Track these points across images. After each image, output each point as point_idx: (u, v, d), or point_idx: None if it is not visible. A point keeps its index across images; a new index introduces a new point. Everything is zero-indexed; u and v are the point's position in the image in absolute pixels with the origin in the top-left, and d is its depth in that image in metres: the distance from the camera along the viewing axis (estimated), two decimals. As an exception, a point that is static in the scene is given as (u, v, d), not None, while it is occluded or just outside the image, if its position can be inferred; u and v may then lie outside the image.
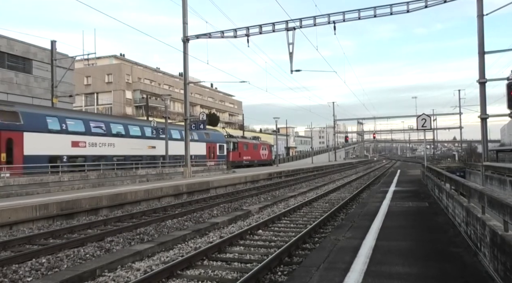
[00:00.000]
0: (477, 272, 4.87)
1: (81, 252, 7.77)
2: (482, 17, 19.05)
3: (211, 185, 20.03)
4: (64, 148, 20.88)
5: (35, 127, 19.26)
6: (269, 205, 14.27)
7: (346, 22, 21.18)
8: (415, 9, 19.96)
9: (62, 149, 20.77)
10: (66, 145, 21.01)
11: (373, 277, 4.63)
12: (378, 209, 10.14)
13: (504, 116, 22.56)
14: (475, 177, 28.60)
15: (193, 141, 31.80)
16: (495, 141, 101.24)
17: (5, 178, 15.39)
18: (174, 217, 11.86)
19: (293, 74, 28.90)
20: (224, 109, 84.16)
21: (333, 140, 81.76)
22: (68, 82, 31.62)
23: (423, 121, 18.37)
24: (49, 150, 19.93)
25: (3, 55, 28.44)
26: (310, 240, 8.67)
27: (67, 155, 21.02)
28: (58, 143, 20.43)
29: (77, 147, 21.63)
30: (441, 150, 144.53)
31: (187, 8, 23.71)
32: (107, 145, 23.58)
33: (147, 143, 27.06)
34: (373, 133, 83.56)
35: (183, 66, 24.32)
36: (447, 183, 9.80)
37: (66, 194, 14.61)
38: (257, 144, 48.79)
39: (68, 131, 21.25)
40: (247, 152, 44.16)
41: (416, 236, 7.00)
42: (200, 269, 6.57)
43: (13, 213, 10.55)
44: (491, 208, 4.88)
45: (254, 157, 46.13)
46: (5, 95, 27.27)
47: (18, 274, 6.48)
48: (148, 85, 60.70)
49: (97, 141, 22.98)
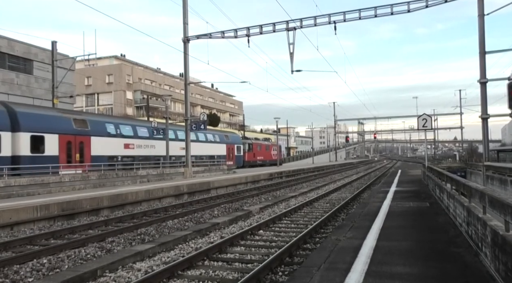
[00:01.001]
0: (478, 272, 4.87)
1: (82, 253, 7.78)
2: (483, 16, 19.05)
3: (212, 186, 20.03)
4: (119, 150, 24.74)
5: (98, 132, 23.05)
6: (270, 205, 14.27)
7: (347, 22, 21.20)
8: (416, 9, 19.96)
9: (117, 150, 24.61)
10: (120, 147, 24.91)
11: (374, 277, 4.63)
12: (379, 209, 10.14)
13: (505, 116, 22.55)
14: (476, 177, 28.58)
15: (215, 142, 37.13)
16: (496, 141, 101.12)
17: (5, 178, 15.46)
18: (175, 218, 11.87)
19: (293, 74, 28.99)
20: (224, 110, 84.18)
21: (333, 140, 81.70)
22: (68, 83, 31.67)
23: (424, 121, 18.35)
24: (108, 151, 23.66)
25: (4, 55, 28.49)
26: (311, 240, 8.67)
27: (121, 155, 24.80)
28: (114, 145, 24.32)
29: (128, 149, 25.45)
30: (442, 150, 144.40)
31: (187, 8, 23.72)
32: (149, 147, 26.98)
33: (179, 145, 29.89)
34: (374, 133, 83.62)
35: (183, 66, 24.34)
36: (448, 183, 9.80)
37: (67, 194, 14.62)
38: (268, 145, 53.27)
39: (122, 135, 25.16)
40: (260, 153, 48.37)
41: (417, 236, 7.00)
42: (201, 269, 6.57)
43: (14, 214, 10.56)
44: (492, 208, 4.88)
45: (266, 157, 50.20)
46: (5, 96, 27.30)
47: (19, 274, 6.49)
48: (148, 86, 60.73)
49: (142, 144, 26.62)
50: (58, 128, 20.54)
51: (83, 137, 21.83)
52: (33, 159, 18.54)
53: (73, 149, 21.24)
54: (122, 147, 24.97)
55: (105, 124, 24.22)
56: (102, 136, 23.24)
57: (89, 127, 22.42)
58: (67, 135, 20.94)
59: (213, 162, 33.09)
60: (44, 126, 19.80)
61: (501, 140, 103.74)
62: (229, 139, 40.79)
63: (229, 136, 41.74)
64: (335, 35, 21.83)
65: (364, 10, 20.65)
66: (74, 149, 21.27)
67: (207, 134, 35.79)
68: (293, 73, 23.98)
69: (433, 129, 59.99)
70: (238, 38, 23.09)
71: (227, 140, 40.21)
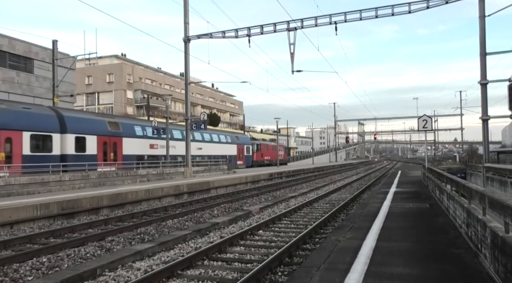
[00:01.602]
0: (477, 274, 4.87)
1: (81, 252, 7.78)
2: (484, 18, 19.03)
3: (212, 185, 20.03)
4: (145, 149, 27.40)
5: (128, 134, 25.62)
6: (269, 206, 14.27)
7: (348, 22, 21.20)
8: (417, 10, 19.96)
9: (144, 150, 27.35)
10: (146, 147, 27.54)
11: (374, 277, 4.63)
12: (378, 210, 10.14)
13: (505, 118, 22.50)
14: (476, 178, 28.58)
15: (228, 143, 40.01)
16: (496, 142, 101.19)
17: (6, 177, 15.49)
18: (174, 217, 11.87)
19: (294, 74, 29.05)
20: (225, 109, 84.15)
21: (334, 140, 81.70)
22: (69, 82, 31.66)
23: (424, 122, 18.34)
24: (137, 151, 26.28)
25: (5, 54, 28.48)
26: (311, 240, 8.67)
27: (147, 154, 27.36)
28: (141, 145, 26.95)
29: (152, 149, 27.91)
30: (442, 151, 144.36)
31: (188, 8, 23.72)
32: (170, 147, 27.95)
33: (196, 145, 32.79)
34: (374, 134, 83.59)
35: (184, 66, 24.35)
36: (448, 184, 9.79)
37: (67, 193, 14.62)
38: (275, 146, 55.93)
39: (147, 136, 27.56)
40: (267, 153, 51.22)
41: (417, 237, 7.00)
42: (200, 269, 6.57)
43: (14, 212, 10.57)
44: (492, 209, 4.88)
45: (273, 157, 52.33)
46: (6, 95, 27.31)
47: (19, 273, 6.49)
48: (149, 85, 60.71)
49: (164, 144, 27.71)
50: (96, 130, 23.28)
51: (116, 138, 24.63)
52: (77, 157, 21.15)
53: (108, 149, 23.97)
54: (148, 147, 27.68)
55: (134, 126, 27.09)
56: (131, 137, 25.89)
57: (121, 129, 25.15)
58: (104, 136, 23.66)
59: (225, 161, 35.24)
60: (85, 128, 22.44)
61: (501, 141, 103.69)
62: (239, 140, 43.71)
63: (239, 137, 44.90)
64: (336, 36, 22.02)
65: (365, 10, 20.66)
66: (109, 149, 24.01)
67: (220, 135, 39.01)
68: (293, 73, 24.01)
69: (434, 130, 60.00)
70: (239, 38, 23.12)
71: (238, 141, 43.11)
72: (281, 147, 58.31)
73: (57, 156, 20.28)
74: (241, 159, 42.64)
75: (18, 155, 18.58)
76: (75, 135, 21.49)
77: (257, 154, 48.23)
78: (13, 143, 18.44)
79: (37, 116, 20.07)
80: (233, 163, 39.50)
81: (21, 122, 18.93)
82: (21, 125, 18.85)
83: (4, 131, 18.02)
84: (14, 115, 18.86)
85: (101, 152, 23.24)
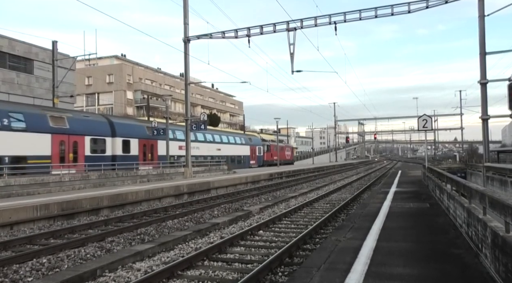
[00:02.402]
0: (478, 274, 4.86)
1: (81, 252, 7.77)
2: (483, 17, 19.03)
3: (212, 186, 20.02)
4: (175, 150, 30.04)
5: (161, 137, 28.09)
6: (270, 206, 14.26)
7: (347, 22, 21.20)
8: (416, 10, 19.95)
9: (174, 151, 29.80)
10: (176, 148, 30.14)
11: (374, 278, 4.62)
12: (379, 210, 10.13)
13: (505, 117, 22.50)
14: (476, 178, 28.57)
15: (242, 144, 43.72)
16: (496, 142, 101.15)
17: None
18: (174, 218, 11.86)
19: (294, 74, 29.11)
20: (225, 110, 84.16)
21: (334, 140, 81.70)
22: (69, 82, 31.67)
23: (424, 122, 18.33)
24: (170, 152, 27.92)
25: (5, 55, 28.49)
26: (311, 240, 8.66)
27: (176, 155, 29.98)
28: (172, 147, 28.83)
29: (181, 150, 29.81)
30: (442, 151, 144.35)
31: (188, 8, 23.71)
32: (195, 149, 30.98)
33: (216, 146, 37.13)
34: (374, 134, 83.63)
35: (184, 66, 24.34)
36: (448, 184, 9.78)
37: (67, 194, 14.62)
38: (283, 146, 60.01)
39: (176, 139, 30.44)
40: (276, 153, 53.68)
41: (417, 237, 6.99)
42: (200, 270, 6.56)
43: (14, 213, 10.56)
44: (493, 209, 4.87)
45: (281, 157, 55.43)
46: (6, 95, 27.31)
47: (19, 274, 6.48)
48: (149, 86, 60.72)
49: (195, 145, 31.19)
50: (137, 134, 26.90)
51: (153, 140, 28.16)
52: (124, 158, 24.42)
53: (147, 150, 27.58)
54: (177, 148, 30.41)
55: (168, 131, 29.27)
56: (163, 140, 27.88)
57: (156, 134, 28.18)
58: (143, 139, 27.25)
59: (240, 161, 40.82)
60: (129, 133, 25.97)
61: (501, 141, 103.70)
62: (252, 142, 47.28)
63: (252, 139, 48.54)
64: (336, 36, 22.06)
65: (364, 10, 20.66)
66: (147, 150, 27.62)
67: (235, 137, 43.12)
68: (293, 74, 24.01)
69: (433, 129, 59.99)
70: (238, 38, 23.11)
71: (251, 142, 46.72)
72: (289, 148, 62.64)
73: (109, 156, 23.73)
74: (253, 159, 46.37)
75: (82, 156, 21.98)
76: (122, 138, 25.11)
77: (267, 154, 51.63)
78: (78, 146, 21.81)
79: (94, 123, 23.72)
80: (246, 162, 43.21)
81: (83, 128, 22.23)
82: (83, 131, 22.18)
83: (72, 135, 21.45)
84: (78, 123, 22.26)
85: (141, 153, 26.82)
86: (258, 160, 47.72)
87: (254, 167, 43.92)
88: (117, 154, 24.35)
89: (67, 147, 21.09)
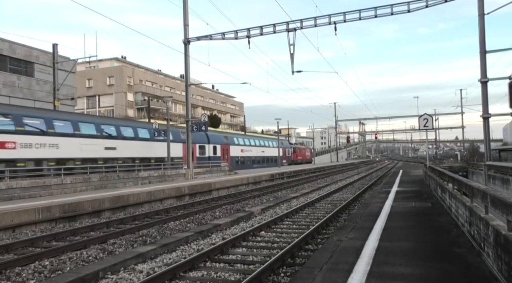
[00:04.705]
0: (480, 273, 4.85)
1: (84, 255, 7.78)
2: (483, 16, 19.02)
3: (213, 187, 20.02)
4: (239, 153, 41.47)
5: (232, 143, 40.18)
6: (271, 206, 14.26)
7: (347, 22, 21.22)
8: (416, 9, 19.96)
9: (239, 153, 41.46)
10: (239, 151, 41.54)
11: (376, 278, 4.62)
12: (380, 210, 10.12)
13: (506, 115, 22.49)
14: (477, 176, 28.54)
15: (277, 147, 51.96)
16: (498, 140, 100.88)
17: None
18: (176, 219, 11.87)
19: (294, 75, 29.20)
20: (225, 111, 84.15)
21: (334, 140, 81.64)
22: (70, 85, 31.72)
23: (425, 121, 18.31)
24: (236, 154, 40.62)
25: (5, 58, 28.54)
26: (313, 241, 8.65)
27: (240, 156, 41.50)
28: (238, 150, 41.22)
29: (243, 152, 42.23)
30: (443, 150, 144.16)
31: (187, 10, 23.74)
32: (249, 151, 43.80)
33: (260, 149, 47.04)
34: (375, 134, 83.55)
35: (184, 68, 24.39)
36: (449, 183, 9.77)
37: (68, 196, 14.63)
38: (304, 148, 73.68)
39: (240, 144, 42.27)
40: (300, 154, 65.16)
41: (419, 236, 6.98)
42: (202, 271, 6.56)
43: (16, 216, 10.57)
44: (495, 207, 4.86)
45: (304, 157, 66.79)
46: (7, 99, 27.36)
47: (21, 276, 6.49)
48: (149, 87, 60.75)
49: (252, 149, 44.77)
50: (219, 141, 37.60)
51: (227, 146, 38.90)
52: (214, 159, 35.17)
53: (225, 153, 38.09)
54: (240, 151, 41.76)
55: (234, 138, 42.21)
56: (234, 145, 40.33)
57: (228, 140, 39.47)
58: (223, 145, 37.92)
59: (275, 161, 49.35)
60: (216, 141, 36.85)
61: (502, 139, 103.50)
62: (283, 144, 56.70)
63: (283, 142, 58.24)
64: (336, 36, 21.97)
65: (364, 10, 20.67)
66: (224, 153, 38.03)
67: (273, 142, 52.95)
68: (293, 74, 24.05)
69: (434, 129, 59.96)
70: (238, 39, 23.12)
71: (282, 145, 55.30)
72: (308, 149, 75.36)
73: (206, 157, 34.44)
74: (285, 158, 55.75)
75: (195, 157, 31.91)
76: (212, 145, 35.85)
77: (294, 155, 61.69)
78: (194, 151, 31.56)
79: (199, 135, 32.11)
80: (280, 162, 51.26)
81: (194, 139, 30.39)
82: (195, 141, 30.84)
83: (193, 144, 28.73)
84: (194, 135, 29.73)
85: (222, 155, 37.23)
86: (287, 160, 57.37)
87: (285, 165, 53.57)
88: (211, 155, 35.19)
89: (188, 151, 30.26)
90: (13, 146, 18.10)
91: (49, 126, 20.26)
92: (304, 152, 69.41)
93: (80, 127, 21.96)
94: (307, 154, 71.16)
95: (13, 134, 18.18)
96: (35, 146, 19.25)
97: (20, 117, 19.00)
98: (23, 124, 18.94)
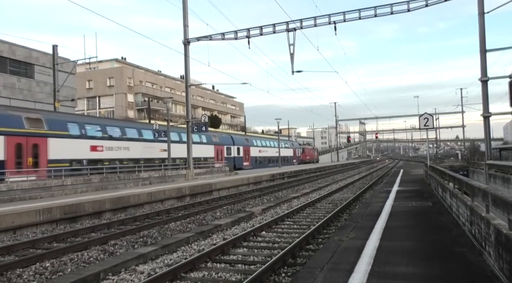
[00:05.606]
0: (482, 272, 4.85)
1: (84, 256, 7.78)
2: (483, 15, 18.99)
3: (214, 187, 20.01)
4: (257, 153, 48.07)
5: (253, 145, 46.76)
6: (272, 207, 14.25)
7: (347, 22, 21.19)
8: (416, 8, 19.94)
9: (257, 154, 47.73)
10: (257, 152, 48.14)
11: (378, 277, 4.61)
12: (381, 209, 10.12)
13: (506, 114, 22.47)
14: (478, 175, 28.53)
15: (289, 148, 60.35)
16: (498, 139, 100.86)
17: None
18: (177, 220, 11.87)
19: (294, 75, 29.21)
20: (226, 111, 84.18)
21: (335, 140, 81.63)
22: (70, 86, 31.73)
23: (425, 120, 18.30)
24: (255, 154, 47.03)
25: (5, 60, 28.55)
26: (314, 241, 8.65)
27: (258, 156, 48.05)
28: (257, 151, 47.50)
29: (260, 153, 48.95)
30: (444, 149, 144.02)
31: (187, 10, 23.75)
32: (265, 151, 50.70)
33: (276, 150, 50.42)
34: (376, 133, 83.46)
35: (184, 68, 24.37)
36: (450, 182, 9.77)
37: (69, 198, 14.63)
38: (311, 148, 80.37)
39: (259, 145, 48.48)
40: (307, 154, 71.44)
41: (420, 236, 6.98)
42: (203, 271, 6.56)
43: (17, 218, 10.57)
44: (495, 206, 4.86)
45: (311, 157, 72.94)
46: (7, 100, 27.37)
47: (22, 278, 6.50)
48: (149, 88, 60.79)
49: (267, 149, 51.57)
50: (242, 143, 44.00)
51: (248, 147, 45.12)
52: (237, 159, 41.62)
53: (246, 154, 44.40)
54: (258, 151, 48.56)
55: (253, 140, 48.44)
56: (253, 146, 46.95)
57: (249, 142, 45.93)
58: (244, 146, 44.10)
59: (287, 160, 56.27)
60: (239, 142, 43.17)
61: (503, 138, 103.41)
62: (294, 146, 64.71)
63: (293, 143, 66.39)
64: (336, 36, 21.89)
65: (364, 10, 20.65)
66: (246, 154, 44.36)
67: (286, 143, 59.45)
68: (293, 74, 24.04)
69: (435, 128, 59.89)
70: (238, 40, 23.11)
71: (293, 146, 63.46)
72: (315, 150, 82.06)
73: (232, 157, 40.42)
74: (295, 158, 62.32)
75: (223, 157, 38.39)
76: (237, 146, 42.09)
77: (303, 155, 67.99)
78: (222, 152, 38.79)
79: (225, 138, 40.92)
80: (291, 161, 57.22)
81: (223, 141, 39.26)
82: (223, 142, 39.13)
83: (219, 146, 38.24)
84: (220, 138, 39.40)
85: (243, 155, 43.55)
86: (297, 159, 63.61)
87: (295, 164, 58.42)
88: (236, 156, 41.42)
89: (218, 152, 38.09)
90: (101, 149, 23.66)
91: (123, 132, 25.70)
92: (312, 152, 76.30)
93: (143, 133, 27.56)
94: (315, 154, 78.08)
95: (101, 139, 23.76)
96: (115, 149, 24.66)
97: (104, 126, 24.56)
98: (107, 131, 24.39)
